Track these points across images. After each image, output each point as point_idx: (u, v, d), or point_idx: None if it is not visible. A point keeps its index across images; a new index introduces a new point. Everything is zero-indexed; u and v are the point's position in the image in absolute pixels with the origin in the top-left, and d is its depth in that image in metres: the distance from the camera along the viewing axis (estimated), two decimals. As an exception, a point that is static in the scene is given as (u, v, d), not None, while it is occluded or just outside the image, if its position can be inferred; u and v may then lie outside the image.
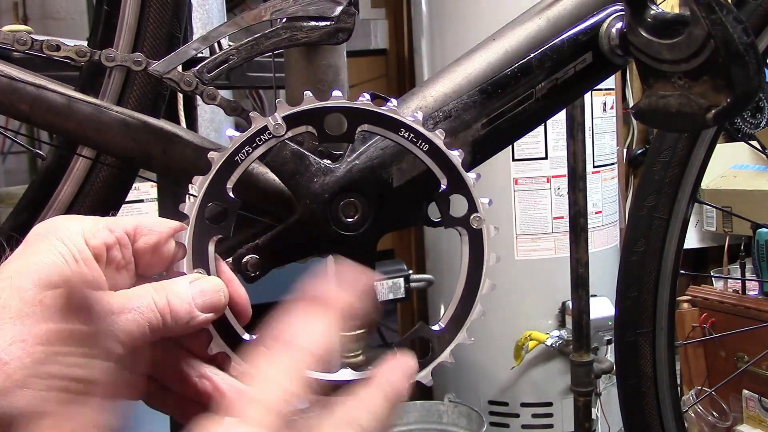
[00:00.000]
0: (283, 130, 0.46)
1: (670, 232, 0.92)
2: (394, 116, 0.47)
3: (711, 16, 0.48)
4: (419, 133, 0.47)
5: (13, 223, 0.65)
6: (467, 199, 0.48)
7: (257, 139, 0.46)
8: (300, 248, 0.50)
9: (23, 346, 0.36)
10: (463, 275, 0.49)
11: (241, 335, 0.46)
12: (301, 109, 0.46)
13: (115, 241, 0.42)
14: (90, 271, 0.41)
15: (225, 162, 0.46)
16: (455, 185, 0.48)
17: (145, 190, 1.70)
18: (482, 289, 0.49)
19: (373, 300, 0.41)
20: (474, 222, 0.48)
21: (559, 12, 0.57)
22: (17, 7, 3.22)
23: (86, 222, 0.42)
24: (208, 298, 0.43)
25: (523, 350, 2.03)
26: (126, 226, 0.43)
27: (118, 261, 0.43)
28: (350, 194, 0.49)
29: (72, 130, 0.53)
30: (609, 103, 2.19)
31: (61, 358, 0.37)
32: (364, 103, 0.47)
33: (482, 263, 0.49)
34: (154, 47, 0.61)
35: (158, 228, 0.44)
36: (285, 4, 0.53)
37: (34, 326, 0.37)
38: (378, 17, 3.03)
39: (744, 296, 2.02)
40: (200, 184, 0.45)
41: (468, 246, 0.49)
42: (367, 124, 0.47)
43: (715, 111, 0.50)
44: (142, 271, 0.44)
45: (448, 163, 0.48)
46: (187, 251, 0.45)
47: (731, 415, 1.98)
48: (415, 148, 0.48)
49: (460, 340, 0.49)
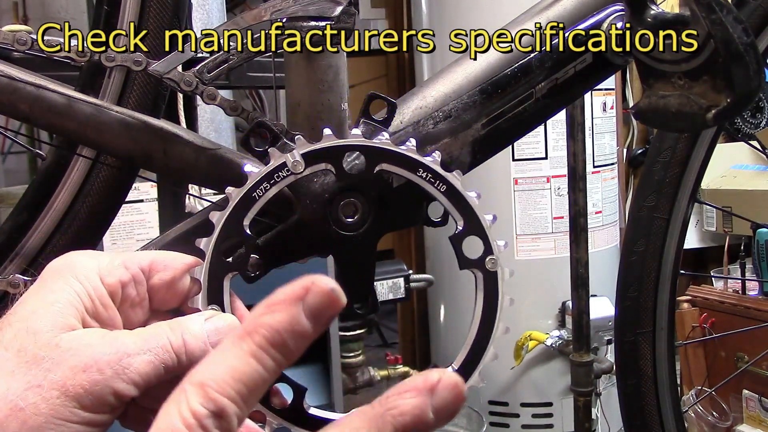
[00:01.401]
0: (301, 167, 0.46)
1: (670, 232, 0.92)
2: (413, 156, 0.47)
3: (711, 16, 0.48)
4: (437, 174, 0.47)
5: (13, 223, 0.65)
6: (483, 241, 0.48)
7: (275, 176, 0.46)
8: (300, 248, 0.50)
9: (39, 392, 0.36)
10: (477, 318, 0.48)
11: None
12: (320, 147, 0.46)
13: (131, 279, 0.42)
14: (105, 309, 0.41)
15: (243, 198, 0.45)
16: (471, 227, 0.48)
17: (145, 190, 1.70)
18: (496, 333, 0.48)
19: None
20: (489, 264, 0.48)
21: (559, 12, 0.57)
22: (17, 7, 3.22)
23: (102, 259, 0.42)
24: (223, 336, 0.42)
25: (523, 350, 2.02)
26: (141, 262, 0.43)
27: (133, 298, 0.43)
28: (350, 194, 0.49)
29: (72, 130, 0.53)
30: (609, 103, 2.19)
31: (77, 404, 0.37)
32: (383, 142, 0.47)
33: (496, 306, 0.48)
34: (154, 47, 0.61)
35: (173, 264, 0.44)
36: (285, 4, 0.53)
37: (51, 372, 0.37)
38: (378, 17, 3.03)
39: (744, 296, 2.02)
40: (217, 220, 0.45)
41: (482, 288, 0.48)
42: (385, 163, 0.47)
43: (715, 111, 0.50)
44: (157, 306, 0.44)
45: (465, 205, 0.48)
46: (203, 287, 0.45)
47: (731, 415, 1.98)
48: (433, 188, 0.47)
49: (472, 383, 0.48)
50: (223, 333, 0.42)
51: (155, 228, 1.70)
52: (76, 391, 0.37)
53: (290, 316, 0.32)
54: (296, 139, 0.46)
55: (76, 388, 0.37)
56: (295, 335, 0.32)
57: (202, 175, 0.54)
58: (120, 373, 0.38)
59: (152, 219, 1.71)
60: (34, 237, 0.64)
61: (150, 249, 0.48)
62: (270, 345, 0.31)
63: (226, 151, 0.54)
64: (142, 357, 0.39)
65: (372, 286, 0.51)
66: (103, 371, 0.37)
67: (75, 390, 0.37)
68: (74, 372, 0.37)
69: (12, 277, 0.58)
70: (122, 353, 0.38)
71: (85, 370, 0.37)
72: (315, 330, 0.32)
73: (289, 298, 0.32)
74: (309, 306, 0.32)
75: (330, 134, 0.47)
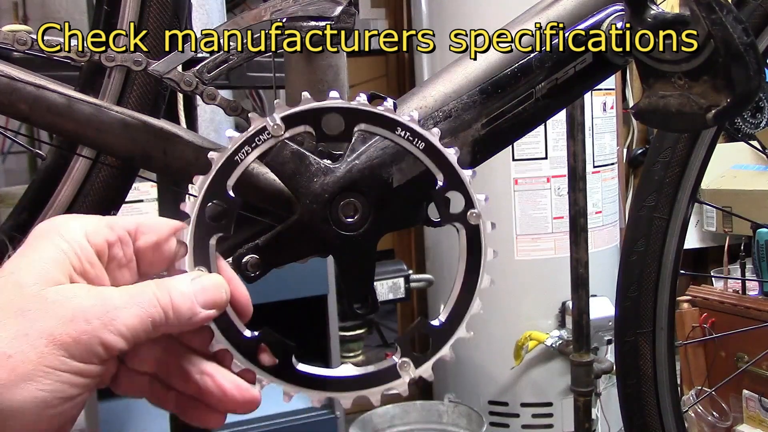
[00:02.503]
0: (281, 130, 0.47)
1: (670, 232, 0.92)
2: (390, 115, 0.48)
3: (711, 16, 0.48)
4: (415, 132, 0.48)
5: (13, 223, 0.65)
6: (464, 195, 0.48)
7: (256, 139, 0.46)
8: (300, 248, 0.50)
9: (26, 340, 0.37)
10: (462, 271, 0.49)
11: (242, 332, 0.46)
12: (299, 110, 0.47)
13: (117, 239, 0.43)
14: (92, 267, 0.41)
15: (225, 162, 0.46)
16: (451, 182, 0.48)
17: (145, 190, 1.70)
18: (481, 284, 0.49)
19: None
20: (471, 218, 0.49)
21: (559, 12, 0.57)
22: (17, 7, 3.22)
23: (88, 220, 0.43)
24: (210, 294, 0.43)
25: (523, 350, 2.03)
26: (127, 225, 0.44)
27: (120, 259, 0.43)
28: (350, 194, 0.49)
29: (72, 130, 0.53)
30: (609, 103, 2.19)
31: (65, 352, 0.37)
32: (361, 103, 0.48)
33: (480, 258, 0.49)
34: (154, 47, 0.61)
35: (159, 227, 0.45)
36: (285, 4, 0.53)
37: (38, 322, 0.37)
38: (378, 17, 3.03)
39: (744, 296, 2.02)
40: (201, 184, 0.46)
41: (465, 242, 0.49)
42: (364, 124, 0.48)
43: (715, 111, 0.50)
44: (144, 269, 0.45)
45: (444, 161, 0.48)
46: (188, 249, 0.45)
47: (731, 415, 1.98)
48: (412, 146, 0.48)
49: (459, 334, 0.49)
50: (209, 291, 0.43)
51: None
52: (64, 340, 0.37)
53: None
54: (275, 103, 0.47)
55: (63, 336, 0.37)
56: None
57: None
58: (107, 324, 0.38)
59: (152, 219, 1.71)
60: (34, 237, 0.64)
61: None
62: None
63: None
64: (130, 310, 0.39)
65: (372, 286, 0.51)
66: (90, 321, 0.38)
67: (62, 339, 0.37)
68: (61, 322, 0.37)
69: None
70: (109, 305, 0.39)
71: (72, 320, 0.38)
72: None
73: None
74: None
75: (308, 97, 0.47)
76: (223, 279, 0.45)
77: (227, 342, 0.45)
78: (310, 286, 1.76)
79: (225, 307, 0.44)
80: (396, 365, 0.48)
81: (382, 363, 0.48)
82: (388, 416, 2.13)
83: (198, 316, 0.42)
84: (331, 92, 0.48)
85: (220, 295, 0.44)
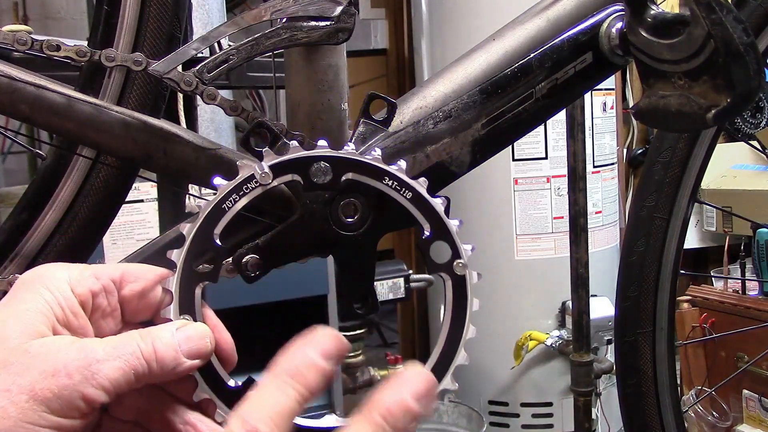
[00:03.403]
0: (269, 179, 0.47)
1: (670, 232, 0.92)
2: (378, 165, 0.48)
3: (711, 16, 0.48)
4: (402, 181, 0.48)
5: (13, 223, 0.65)
6: (450, 245, 0.48)
7: (244, 188, 0.46)
8: (300, 248, 0.50)
9: (8, 396, 0.36)
10: (447, 321, 0.49)
11: (226, 381, 0.45)
12: (287, 158, 0.47)
13: (101, 289, 0.43)
14: (76, 318, 0.41)
15: (212, 210, 0.46)
16: (438, 232, 0.48)
17: (145, 190, 1.70)
18: (466, 335, 0.49)
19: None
20: (457, 268, 0.48)
21: (559, 12, 0.57)
22: (17, 7, 3.23)
23: (72, 270, 0.42)
24: (194, 344, 0.42)
25: (523, 350, 2.03)
26: (112, 273, 0.43)
27: (104, 308, 0.43)
28: (350, 194, 0.49)
29: (72, 130, 0.53)
30: (609, 103, 2.19)
31: (46, 408, 0.37)
32: (349, 153, 0.48)
33: (465, 309, 0.49)
34: (154, 47, 0.61)
35: (145, 275, 0.44)
36: (285, 4, 0.53)
37: (20, 376, 0.37)
38: (378, 17, 3.03)
39: (744, 296, 2.02)
40: (188, 232, 0.45)
41: (451, 292, 0.49)
42: (351, 173, 0.48)
43: (715, 111, 0.50)
44: (129, 317, 0.44)
45: (431, 211, 0.48)
46: (174, 298, 0.45)
47: (731, 415, 1.98)
48: (399, 195, 0.48)
49: (443, 386, 0.49)
50: (194, 341, 0.43)
51: (155, 228, 1.70)
52: (45, 395, 0.37)
53: (304, 354, 0.40)
54: (264, 152, 0.47)
55: (45, 392, 0.37)
56: (311, 369, 0.39)
57: (202, 175, 0.54)
58: (89, 378, 0.38)
59: (152, 219, 1.71)
60: (34, 237, 0.64)
61: (125, 263, 0.48)
62: (291, 378, 0.39)
63: (226, 151, 0.54)
64: (112, 363, 0.39)
65: (372, 286, 0.51)
66: (72, 376, 0.37)
67: (43, 394, 0.37)
68: (43, 376, 0.37)
69: (12, 277, 0.58)
70: (91, 359, 0.38)
71: (54, 375, 0.37)
72: (327, 364, 0.40)
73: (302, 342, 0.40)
74: (319, 344, 0.40)
75: (297, 146, 0.47)
76: (207, 328, 0.44)
77: (211, 392, 0.45)
78: (310, 286, 1.76)
79: (210, 357, 0.44)
80: None
81: None
82: (388, 416, 2.13)
83: (182, 367, 0.42)
84: (320, 141, 0.48)
85: (205, 345, 0.43)
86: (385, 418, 0.38)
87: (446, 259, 0.48)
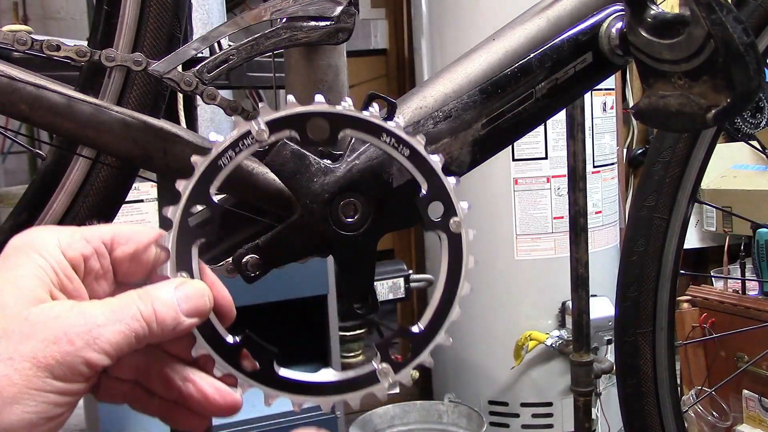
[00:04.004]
0: (266, 135, 0.46)
1: (670, 232, 0.92)
2: (374, 121, 0.47)
3: (711, 16, 0.48)
4: (400, 138, 0.48)
5: (13, 223, 0.65)
6: (446, 203, 0.48)
7: (240, 144, 0.46)
8: (300, 248, 0.50)
9: (11, 364, 0.37)
10: (443, 278, 0.49)
11: (224, 337, 0.46)
12: (284, 114, 0.47)
13: (93, 252, 0.43)
14: (70, 281, 0.41)
15: (208, 166, 0.46)
16: (434, 189, 0.48)
17: (145, 190, 1.70)
18: (461, 292, 0.49)
19: None
20: (452, 226, 0.48)
21: (559, 12, 0.57)
22: (17, 7, 3.22)
23: (62, 233, 0.42)
24: (193, 303, 0.43)
25: (523, 350, 2.03)
26: (103, 235, 0.43)
27: (97, 271, 0.43)
28: (350, 194, 0.49)
29: (72, 130, 0.53)
30: (609, 103, 2.19)
31: (50, 374, 0.37)
32: (346, 108, 0.47)
33: (461, 266, 0.49)
34: (154, 47, 0.61)
35: (136, 237, 0.44)
36: (285, 4, 0.53)
37: (21, 344, 0.37)
38: (378, 17, 3.03)
39: (744, 296, 2.02)
40: (184, 188, 0.45)
41: (447, 249, 0.49)
42: (348, 129, 0.47)
43: (715, 111, 0.50)
44: (122, 278, 0.44)
45: (428, 168, 0.48)
46: (171, 255, 0.45)
47: (731, 415, 1.98)
48: (396, 153, 0.48)
49: (438, 341, 0.49)
50: (193, 299, 0.43)
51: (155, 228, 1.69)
52: (48, 362, 0.37)
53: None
54: (261, 106, 0.47)
55: (48, 359, 0.37)
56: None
57: (202, 175, 0.54)
58: (91, 343, 0.38)
59: (152, 219, 1.71)
60: (34, 237, 0.64)
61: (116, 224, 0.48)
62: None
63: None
64: (113, 327, 0.39)
65: (372, 286, 0.51)
66: (74, 342, 0.38)
67: (47, 361, 0.37)
68: (45, 344, 0.37)
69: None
70: (92, 324, 0.39)
71: (56, 342, 0.37)
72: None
73: None
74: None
75: (293, 101, 0.47)
76: (205, 286, 0.44)
77: (209, 347, 0.45)
78: (310, 286, 1.76)
79: (208, 314, 0.44)
80: (376, 371, 0.48)
81: (361, 368, 0.48)
82: (388, 416, 2.13)
83: (182, 326, 0.42)
84: (317, 96, 0.47)
85: (204, 303, 0.43)
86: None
87: (442, 217, 0.48)
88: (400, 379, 0.48)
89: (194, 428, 0.45)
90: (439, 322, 0.49)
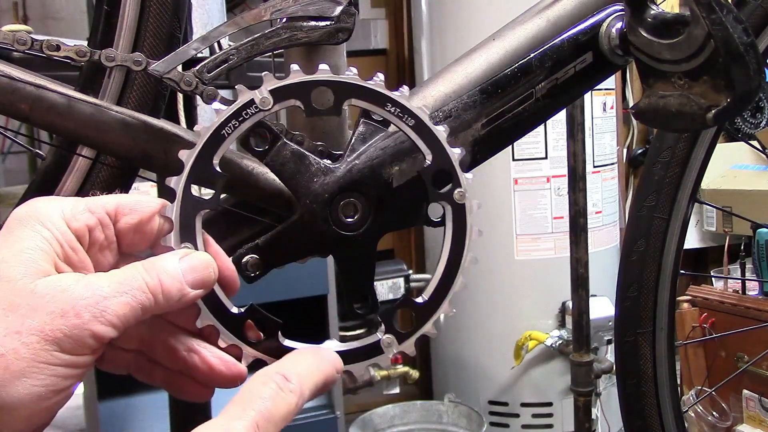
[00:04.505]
0: (269, 104, 0.46)
1: (670, 232, 0.92)
2: (379, 90, 0.47)
3: (711, 16, 0.48)
4: (404, 108, 0.47)
5: (13, 223, 0.65)
6: (451, 174, 0.48)
7: (244, 113, 0.46)
8: (300, 248, 0.50)
9: (19, 338, 0.37)
10: (447, 249, 0.49)
11: (228, 308, 0.46)
12: (288, 83, 0.46)
13: (97, 222, 0.42)
14: (75, 253, 0.41)
15: (211, 136, 0.45)
16: (439, 160, 0.48)
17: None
18: (465, 262, 0.49)
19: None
20: (456, 197, 0.48)
21: (559, 12, 0.57)
22: (17, 7, 3.22)
23: (66, 204, 0.42)
24: (199, 274, 0.43)
25: (523, 350, 2.03)
26: (107, 206, 0.43)
27: (101, 242, 0.43)
28: (350, 194, 0.49)
29: (72, 130, 0.53)
30: (609, 103, 2.19)
31: (57, 348, 0.37)
32: (351, 77, 0.47)
33: (465, 237, 0.49)
34: (154, 47, 0.61)
35: (140, 207, 0.44)
36: (285, 4, 0.53)
37: (29, 318, 0.37)
38: (378, 17, 3.03)
39: (744, 296, 2.02)
40: (187, 158, 0.45)
41: (451, 220, 0.49)
42: (353, 98, 0.47)
43: (715, 111, 0.50)
44: (126, 249, 0.44)
45: (432, 138, 0.48)
46: (174, 226, 0.44)
47: (731, 415, 1.98)
48: (401, 122, 0.48)
49: (443, 311, 0.49)
50: (198, 271, 0.43)
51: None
52: (56, 336, 0.37)
53: None
54: (264, 75, 0.46)
55: (55, 332, 0.37)
56: None
57: (202, 175, 0.54)
58: (98, 316, 0.38)
59: (152, 219, 1.71)
60: (34, 237, 0.64)
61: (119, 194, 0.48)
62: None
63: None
64: (119, 299, 0.39)
65: (372, 286, 0.51)
66: (81, 315, 0.38)
67: (54, 335, 0.37)
68: (52, 317, 0.37)
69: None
70: (98, 296, 0.39)
71: (63, 315, 0.37)
72: None
73: None
74: None
75: (298, 70, 0.46)
76: (210, 257, 0.44)
77: (214, 318, 0.45)
78: (310, 286, 1.76)
79: (213, 285, 0.44)
80: (379, 341, 0.48)
81: (366, 339, 0.48)
82: (388, 416, 2.13)
83: (187, 297, 0.42)
84: (321, 65, 0.47)
85: (209, 274, 0.43)
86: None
87: (447, 188, 0.48)
88: (403, 349, 0.49)
89: (199, 398, 0.46)
90: (443, 292, 0.49)
